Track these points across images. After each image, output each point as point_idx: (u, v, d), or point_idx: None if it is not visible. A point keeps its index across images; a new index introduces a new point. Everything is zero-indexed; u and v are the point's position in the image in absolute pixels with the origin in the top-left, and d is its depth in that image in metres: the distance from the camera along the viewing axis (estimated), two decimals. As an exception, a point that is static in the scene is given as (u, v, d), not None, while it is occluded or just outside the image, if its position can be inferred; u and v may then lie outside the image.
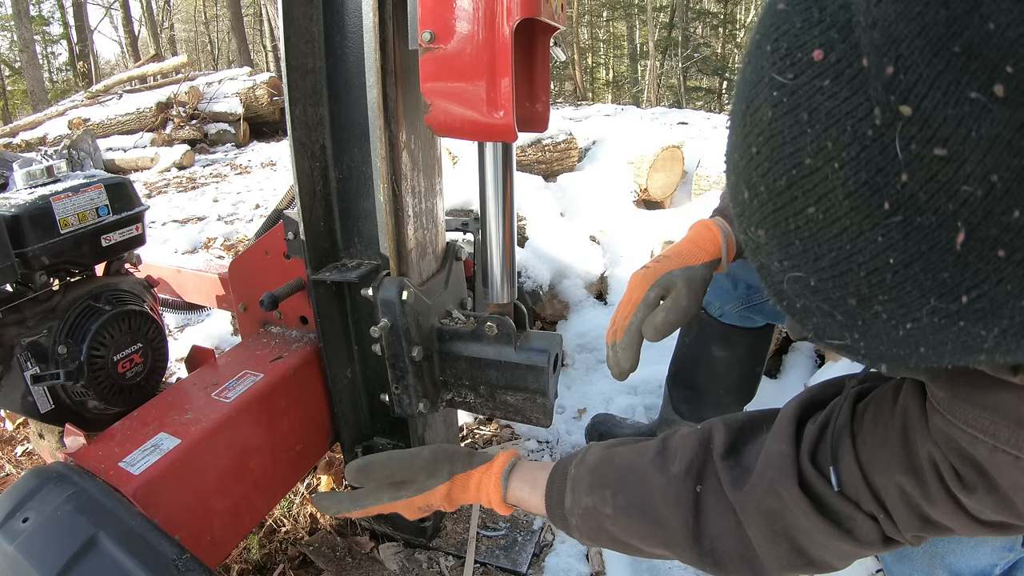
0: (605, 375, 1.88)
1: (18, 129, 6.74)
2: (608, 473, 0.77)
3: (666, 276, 0.91)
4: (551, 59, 0.94)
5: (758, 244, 0.38)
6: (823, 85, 0.31)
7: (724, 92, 14.81)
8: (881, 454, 0.60)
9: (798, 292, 0.38)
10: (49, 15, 20.01)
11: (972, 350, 0.34)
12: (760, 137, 0.34)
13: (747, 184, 0.36)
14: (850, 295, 0.34)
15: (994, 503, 0.53)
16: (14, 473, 1.61)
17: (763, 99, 0.34)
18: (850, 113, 0.30)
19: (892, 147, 0.29)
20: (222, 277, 1.60)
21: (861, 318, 0.35)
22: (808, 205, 0.33)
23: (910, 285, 0.32)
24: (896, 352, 0.37)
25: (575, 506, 0.78)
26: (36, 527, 0.76)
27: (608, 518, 0.75)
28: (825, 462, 0.64)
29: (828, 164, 0.31)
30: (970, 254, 0.29)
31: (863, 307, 0.35)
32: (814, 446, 0.66)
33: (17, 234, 1.02)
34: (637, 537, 0.74)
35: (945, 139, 0.27)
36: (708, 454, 0.73)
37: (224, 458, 0.97)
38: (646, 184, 2.90)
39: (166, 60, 8.74)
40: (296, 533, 1.31)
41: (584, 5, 17.44)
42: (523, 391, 1.04)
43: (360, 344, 1.15)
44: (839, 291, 0.35)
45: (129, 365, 1.20)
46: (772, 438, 0.69)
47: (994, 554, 0.72)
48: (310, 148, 1.01)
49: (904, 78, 0.28)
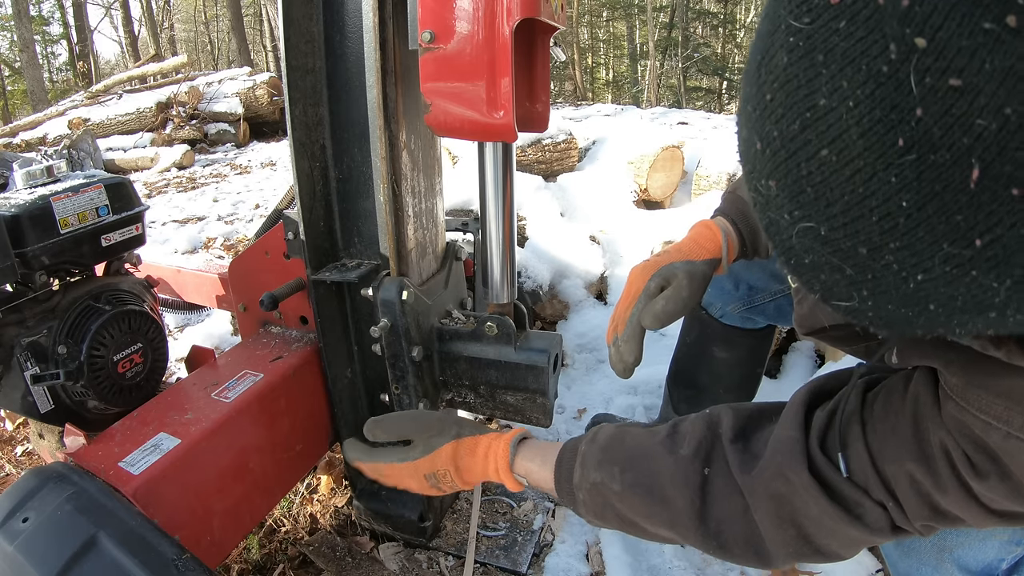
0: (605, 375, 1.88)
1: (18, 129, 6.74)
2: (618, 451, 0.78)
3: (667, 267, 0.90)
4: (551, 59, 0.94)
5: (768, 197, 0.38)
6: (839, 27, 0.31)
7: (724, 92, 14.81)
8: (891, 442, 0.60)
9: (807, 246, 0.37)
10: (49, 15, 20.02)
11: (983, 306, 0.34)
12: (775, 83, 0.34)
13: (760, 134, 0.36)
14: (861, 243, 0.34)
15: (1006, 491, 0.53)
16: (14, 473, 1.61)
17: (779, 46, 0.34)
18: (865, 51, 0.30)
19: (907, 82, 0.29)
20: (222, 277, 1.60)
21: (871, 270, 0.35)
22: (822, 147, 0.33)
23: (923, 230, 0.31)
24: (904, 313, 0.36)
25: (583, 481, 0.78)
26: (36, 527, 0.76)
27: (615, 494, 0.76)
28: (834, 448, 0.64)
29: (843, 103, 0.31)
30: (984, 193, 0.29)
31: (874, 257, 0.34)
32: (823, 433, 0.66)
33: (17, 234, 1.02)
34: (642, 516, 0.75)
35: (960, 70, 0.27)
36: (717, 437, 0.73)
37: (224, 458, 0.97)
38: (646, 184, 2.90)
39: (166, 60, 8.74)
40: (296, 533, 1.31)
41: (584, 5, 17.44)
42: (523, 391, 1.04)
43: (360, 344, 1.15)
44: (850, 240, 0.34)
45: (129, 365, 1.20)
46: (781, 425, 0.69)
47: (1002, 548, 0.72)
48: (310, 148, 1.01)
49: (919, 10, 0.28)
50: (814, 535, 0.65)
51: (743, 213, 0.97)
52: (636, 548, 1.25)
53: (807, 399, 0.70)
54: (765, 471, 0.67)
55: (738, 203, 0.98)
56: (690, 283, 0.88)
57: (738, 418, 0.74)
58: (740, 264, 1.15)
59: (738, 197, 0.99)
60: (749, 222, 0.97)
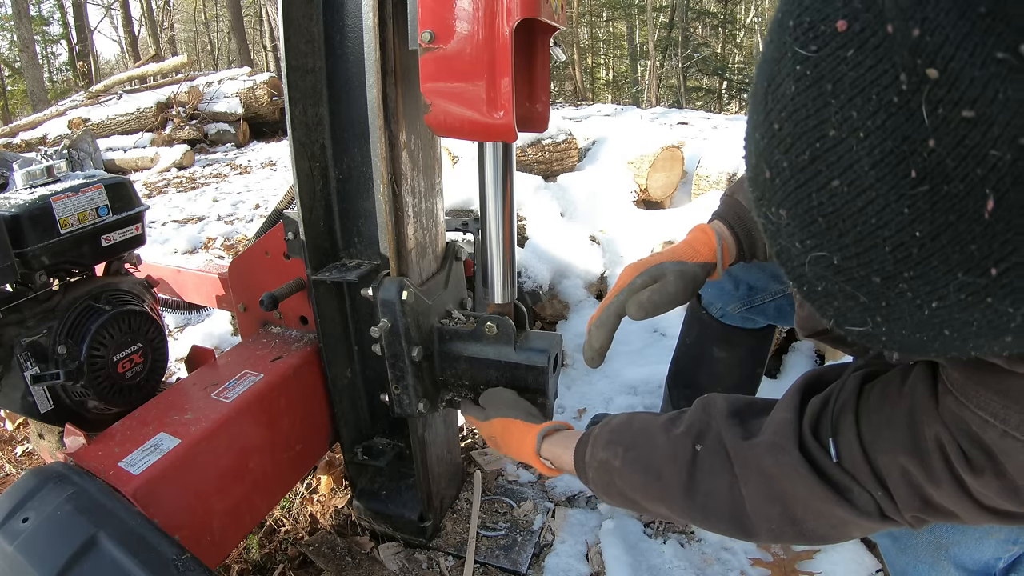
0: (605, 375, 1.88)
1: (18, 129, 6.74)
2: (625, 433, 0.84)
3: (657, 266, 0.92)
4: (551, 59, 0.94)
5: (779, 226, 0.38)
6: (847, 55, 0.30)
7: (724, 92, 14.81)
8: (885, 434, 0.61)
9: (820, 274, 0.37)
10: (49, 15, 20.01)
11: (998, 330, 0.33)
12: (783, 113, 0.34)
13: (768, 163, 0.36)
14: (874, 273, 0.34)
15: (1000, 488, 0.53)
16: (14, 473, 1.61)
17: (786, 74, 0.33)
18: (875, 81, 0.29)
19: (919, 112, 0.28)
20: (222, 277, 1.60)
21: (885, 298, 0.35)
22: (832, 178, 0.32)
23: (937, 259, 0.31)
24: (919, 337, 0.36)
25: (592, 459, 0.85)
26: (36, 527, 0.76)
27: (616, 471, 0.81)
28: (825, 434, 0.66)
29: (853, 134, 0.31)
30: (999, 223, 0.29)
31: (888, 286, 0.34)
32: (816, 419, 0.67)
33: (17, 234, 1.02)
34: (639, 491, 0.80)
35: (973, 101, 0.27)
36: (711, 417, 0.76)
37: (224, 458, 0.97)
38: (646, 184, 2.90)
39: (166, 60, 8.73)
40: (296, 533, 1.31)
41: (584, 5, 17.43)
42: (523, 391, 1.04)
43: (360, 344, 1.15)
44: (863, 269, 0.34)
45: (129, 365, 1.20)
46: (778, 407, 0.72)
47: (999, 547, 0.72)
48: (310, 148, 1.01)
49: (931, 40, 0.27)
50: (800, 516, 0.66)
51: (740, 217, 0.97)
52: (636, 548, 1.25)
53: (804, 385, 0.72)
54: (757, 447, 0.69)
55: (735, 207, 0.98)
56: (678, 280, 0.89)
57: (734, 401, 0.78)
58: (740, 265, 1.14)
59: (735, 201, 0.99)
60: (746, 225, 0.97)
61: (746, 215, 0.97)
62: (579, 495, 1.42)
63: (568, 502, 1.40)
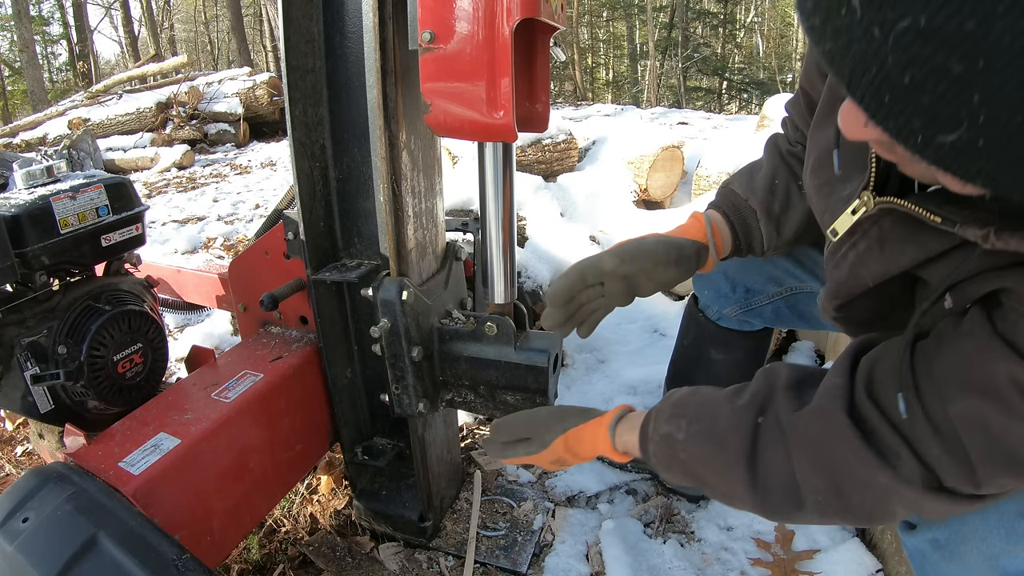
0: (605, 375, 1.88)
1: (18, 129, 6.74)
2: (687, 405, 0.82)
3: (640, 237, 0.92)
4: (551, 59, 0.94)
5: (853, 21, 0.35)
6: None
7: (724, 92, 14.81)
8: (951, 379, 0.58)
9: (905, 57, 0.34)
10: (49, 15, 20.00)
11: None
12: None
13: None
14: (967, 17, 0.31)
15: None
16: (14, 473, 1.61)
17: None
18: None
19: None
20: (222, 277, 1.60)
21: (982, 56, 0.32)
22: None
23: None
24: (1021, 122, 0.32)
25: (655, 433, 0.83)
26: (36, 527, 0.76)
27: (679, 443, 0.79)
28: (885, 392, 0.63)
29: None
30: None
31: (983, 30, 0.31)
32: (868, 378, 0.66)
33: (17, 234, 1.02)
34: (702, 463, 0.78)
35: None
36: (772, 389, 0.75)
37: (224, 458, 0.97)
38: (646, 184, 2.90)
39: (166, 60, 8.74)
40: (296, 533, 1.31)
41: (584, 5, 17.44)
42: (523, 391, 1.04)
43: (360, 344, 1.15)
44: (954, 17, 0.31)
45: (129, 365, 1.20)
46: (830, 374, 0.70)
47: None
48: (310, 148, 1.01)
49: None
50: (846, 489, 0.65)
51: (735, 205, 0.98)
52: (636, 548, 1.25)
53: (856, 349, 0.70)
54: (807, 414, 0.68)
55: (730, 195, 0.99)
56: (658, 241, 0.90)
57: (795, 371, 0.76)
58: (737, 266, 1.14)
59: (731, 190, 0.99)
60: (741, 213, 0.97)
61: (741, 203, 0.97)
62: (579, 495, 1.42)
63: (568, 502, 1.40)
